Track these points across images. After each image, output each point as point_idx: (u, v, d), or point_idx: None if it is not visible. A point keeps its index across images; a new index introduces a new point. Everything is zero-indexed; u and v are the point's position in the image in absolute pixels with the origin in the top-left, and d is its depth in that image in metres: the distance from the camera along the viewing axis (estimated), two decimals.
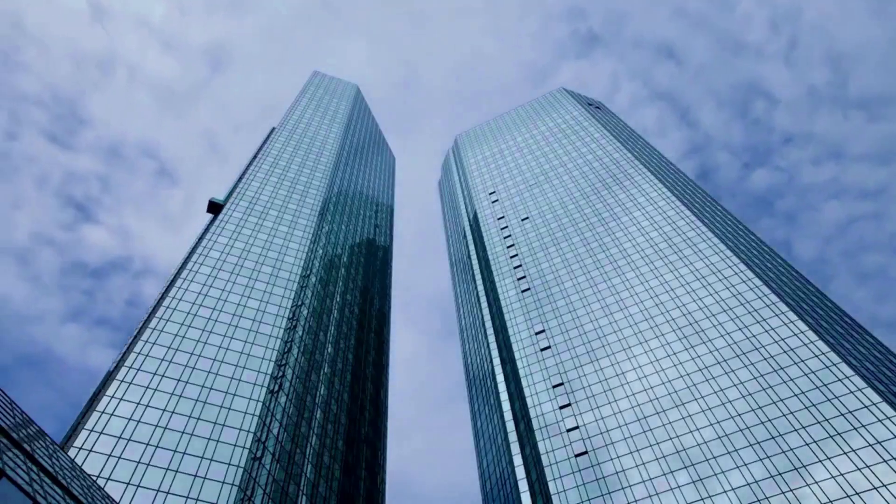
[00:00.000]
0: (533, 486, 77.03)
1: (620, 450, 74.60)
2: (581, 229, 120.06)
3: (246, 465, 64.32)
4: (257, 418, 70.33)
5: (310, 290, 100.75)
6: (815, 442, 64.70)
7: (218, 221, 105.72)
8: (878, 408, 64.77)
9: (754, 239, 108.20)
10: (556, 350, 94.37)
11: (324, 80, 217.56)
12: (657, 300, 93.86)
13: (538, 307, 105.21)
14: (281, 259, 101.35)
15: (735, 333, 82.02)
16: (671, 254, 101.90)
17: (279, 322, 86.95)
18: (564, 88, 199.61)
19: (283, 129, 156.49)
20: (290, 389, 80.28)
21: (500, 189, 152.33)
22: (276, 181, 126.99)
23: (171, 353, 74.60)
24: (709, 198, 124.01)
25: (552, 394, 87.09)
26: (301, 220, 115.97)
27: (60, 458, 35.07)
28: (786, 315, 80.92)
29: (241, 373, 75.82)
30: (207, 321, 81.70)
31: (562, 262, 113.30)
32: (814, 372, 71.85)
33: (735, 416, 71.75)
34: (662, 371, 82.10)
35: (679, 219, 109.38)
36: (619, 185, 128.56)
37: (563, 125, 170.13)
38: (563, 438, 79.61)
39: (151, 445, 62.26)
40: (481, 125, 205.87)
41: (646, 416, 77.11)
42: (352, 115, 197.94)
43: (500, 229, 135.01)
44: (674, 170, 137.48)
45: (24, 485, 24.20)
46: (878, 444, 61.65)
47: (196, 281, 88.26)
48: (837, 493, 59.28)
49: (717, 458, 68.37)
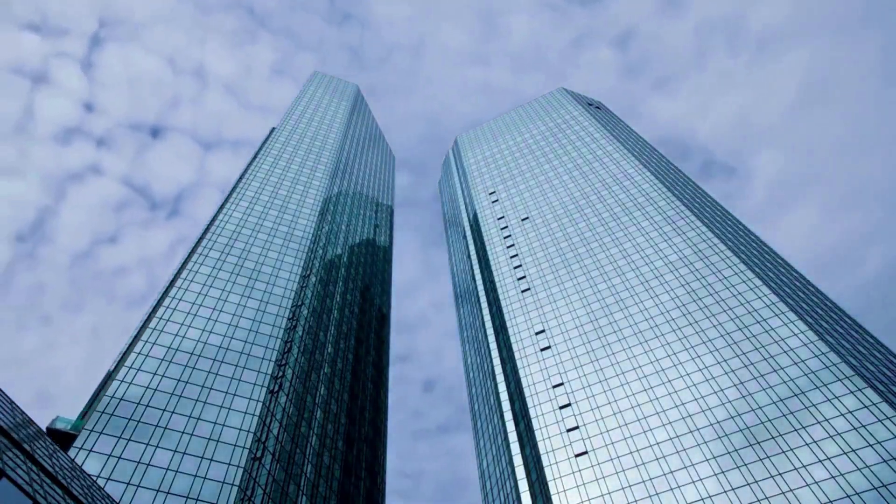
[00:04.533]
0: (533, 486, 77.05)
1: (620, 450, 74.61)
2: (581, 229, 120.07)
3: (246, 465, 64.35)
4: (257, 418, 70.35)
5: (310, 290, 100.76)
6: (816, 442, 64.72)
7: (218, 221, 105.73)
8: (878, 408, 64.79)
9: (754, 239, 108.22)
10: (556, 350, 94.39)
11: (324, 79, 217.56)
12: (657, 300, 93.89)
13: (538, 307, 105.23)
14: (281, 259, 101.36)
15: (735, 333, 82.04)
16: (671, 254, 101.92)
17: (279, 322, 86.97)
18: (564, 88, 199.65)
19: (283, 129, 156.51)
20: (290, 389, 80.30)
21: (500, 189, 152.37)
22: (276, 181, 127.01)
23: (171, 353, 74.64)
24: (709, 198, 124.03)
25: (552, 394, 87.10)
26: (301, 220, 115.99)
27: (60, 458, 35.08)
28: (786, 315, 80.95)
29: (241, 373, 75.84)
30: (207, 321, 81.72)
31: (562, 262, 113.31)
32: (814, 372, 71.87)
33: (735, 416, 71.77)
34: (662, 371, 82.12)
35: (679, 219, 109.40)
36: (619, 185, 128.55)
37: (562, 125, 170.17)
38: (563, 438, 79.63)
39: (151, 445, 62.29)
40: (481, 125, 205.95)
41: (646, 416, 77.13)
42: (352, 114, 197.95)
43: (500, 229, 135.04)
44: (674, 169, 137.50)
45: (24, 485, 24.22)
46: (877, 443, 61.67)
47: (196, 281, 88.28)
48: (837, 493, 59.30)
49: (717, 457, 68.39)
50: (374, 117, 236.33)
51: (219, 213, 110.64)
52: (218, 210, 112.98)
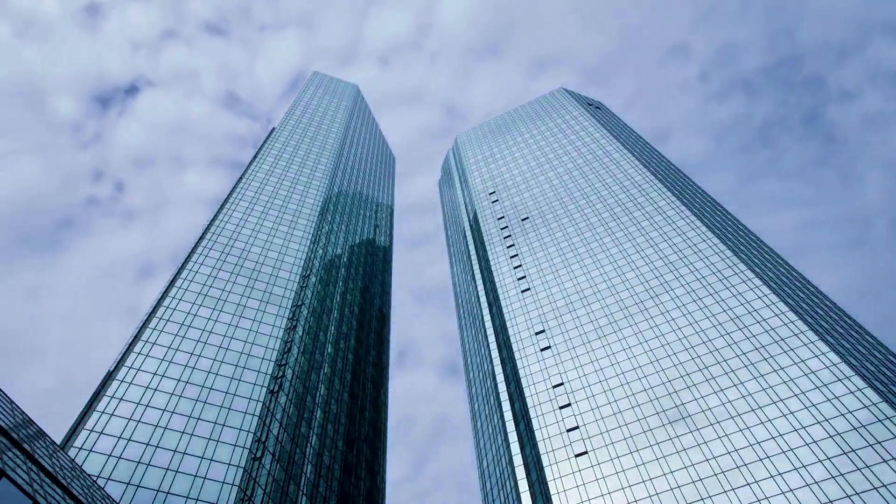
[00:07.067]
0: (533, 486, 77.05)
1: (620, 450, 74.61)
2: (581, 229, 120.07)
3: (246, 465, 64.35)
4: (257, 418, 70.35)
5: (310, 290, 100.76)
6: (815, 442, 64.73)
7: (218, 221, 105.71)
8: (878, 408, 64.81)
9: (754, 239, 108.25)
10: (556, 350, 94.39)
11: (324, 80, 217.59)
12: (657, 300, 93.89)
13: (538, 307, 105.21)
14: (281, 259, 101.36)
15: (735, 333, 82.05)
16: (671, 254, 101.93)
17: (279, 322, 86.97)
18: (564, 89, 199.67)
19: (283, 129, 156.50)
20: (290, 389, 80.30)
21: (500, 189, 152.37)
22: (276, 181, 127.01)
23: (171, 353, 74.63)
24: (709, 198, 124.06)
25: (552, 394, 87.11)
26: (301, 220, 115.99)
27: (60, 458, 35.08)
28: (786, 315, 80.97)
29: (241, 373, 75.84)
30: (207, 321, 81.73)
31: (562, 262, 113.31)
32: (813, 372, 71.89)
33: (735, 416, 71.78)
34: (663, 371, 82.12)
35: (679, 219, 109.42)
36: (620, 185, 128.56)
37: (562, 125, 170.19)
38: (563, 438, 79.63)
39: (151, 445, 62.29)
40: (481, 125, 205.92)
41: (646, 416, 77.12)
42: (352, 114, 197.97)
43: (500, 229, 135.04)
44: (674, 170, 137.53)
45: (24, 485, 24.22)
46: (877, 443, 61.68)
47: (196, 281, 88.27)
48: (837, 493, 59.31)
49: (717, 457, 68.38)
50: (373, 117, 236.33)
51: (219, 213, 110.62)
52: (218, 210, 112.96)
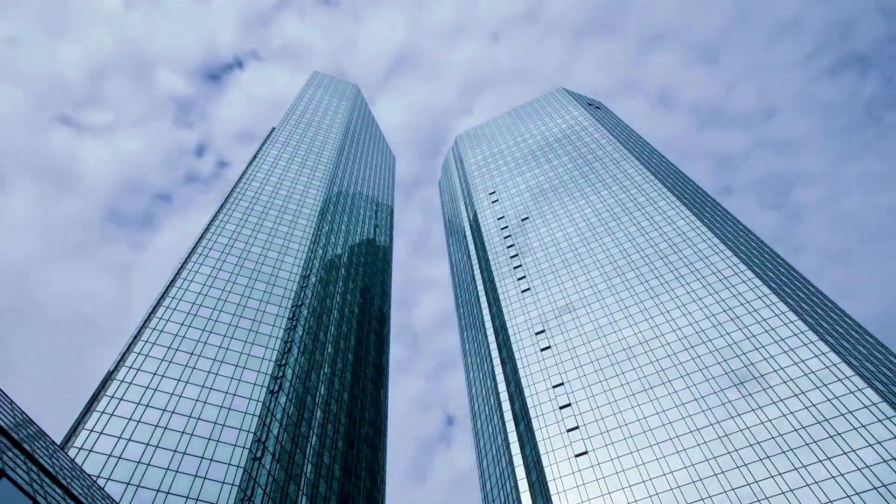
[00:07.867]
0: (533, 486, 77.04)
1: (620, 450, 74.60)
2: (581, 229, 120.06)
3: (246, 465, 64.34)
4: (257, 418, 70.35)
5: (310, 290, 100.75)
6: (815, 442, 64.71)
7: (218, 221, 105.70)
8: (878, 408, 64.80)
9: (754, 238, 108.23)
10: (556, 350, 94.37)
11: (324, 79, 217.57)
12: (657, 300, 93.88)
13: (538, 307, 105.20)
14: (281, 259, 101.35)
15: (735, 333, 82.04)
16: (671, 254, 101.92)
17: (279, 322, 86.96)
18: (564, 88, 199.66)
19: (282, 129, 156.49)
20: (290, 389, 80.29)
21: (500, 189, 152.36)
22: (276, 181, 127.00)
23: (171, 353, 74.62)
24: (709, 198, 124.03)
25: (552, 394, 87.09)
26: (301, 220, 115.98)
27: (60, 458, 35.08)
28: (786, 315, 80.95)
29: (241, 373, 75.84)
30: (207, 321, 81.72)
31: (562, 262, 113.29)
32: (814, 372, 71.88)
33: (735, 416, 71.77)
34: (663, 371, 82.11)
35: (679, 219, 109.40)
36: (619, 185, 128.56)
37: (562, 125, 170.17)
38: (563, 438, 79.61)
39: (151, 445, 62.27)
40: (481, 125, 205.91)
41: (646, 416, 77.11)
42: (352, 114, 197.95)
43: (500, 229, 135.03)
44: (674, 170, 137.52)
45: (24, 485, 24.21)
46: (878, 443, 61.67)
47: (196, 281, 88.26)
48: (837, 493, 59.30)
49: (716, 457, 68.38)
50: (373, 117, 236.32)
51: (219, 212, 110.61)
52: (218, 210, 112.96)
